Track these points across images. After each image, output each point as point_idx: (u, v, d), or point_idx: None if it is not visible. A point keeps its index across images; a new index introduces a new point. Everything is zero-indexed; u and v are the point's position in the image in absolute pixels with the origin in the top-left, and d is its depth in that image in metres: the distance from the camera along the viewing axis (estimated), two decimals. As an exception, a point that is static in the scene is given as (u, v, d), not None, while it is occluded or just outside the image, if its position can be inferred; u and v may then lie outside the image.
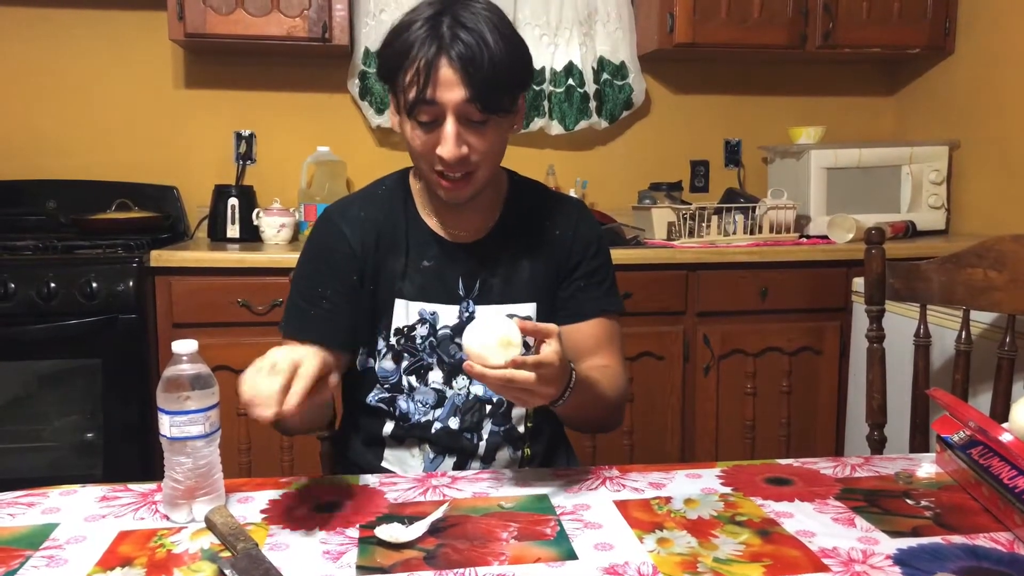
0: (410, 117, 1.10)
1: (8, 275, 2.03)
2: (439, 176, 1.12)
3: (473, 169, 1.12)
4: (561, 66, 2.81)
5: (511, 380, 0.93)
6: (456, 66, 1.05)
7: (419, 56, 1.06)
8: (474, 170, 1.12)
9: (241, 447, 2.21)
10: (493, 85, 1.06)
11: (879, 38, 2.70)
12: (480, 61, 1.05)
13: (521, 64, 1.12)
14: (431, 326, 1.21)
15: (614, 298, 1.29)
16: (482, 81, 1.05)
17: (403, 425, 1.23)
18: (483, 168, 1.13)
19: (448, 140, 1.07)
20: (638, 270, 2.31)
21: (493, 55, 1.05)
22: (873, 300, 1.58)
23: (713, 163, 3.02)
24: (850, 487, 1.01)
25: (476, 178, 1.13)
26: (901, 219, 2.63)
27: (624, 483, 1.02)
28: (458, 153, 1.08)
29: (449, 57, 1.05)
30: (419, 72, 1.06)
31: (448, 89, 1.05)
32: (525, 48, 1.13)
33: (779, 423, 2.45)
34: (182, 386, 0.92)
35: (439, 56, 1.05)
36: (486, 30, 1.06)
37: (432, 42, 1.05)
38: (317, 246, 1.24)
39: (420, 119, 1.09)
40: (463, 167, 1.11)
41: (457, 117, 1.07)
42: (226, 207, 2.52)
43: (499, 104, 1.09)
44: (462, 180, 1.12)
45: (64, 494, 0.99)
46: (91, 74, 2.66)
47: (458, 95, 1.05)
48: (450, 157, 1.08)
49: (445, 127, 1.07)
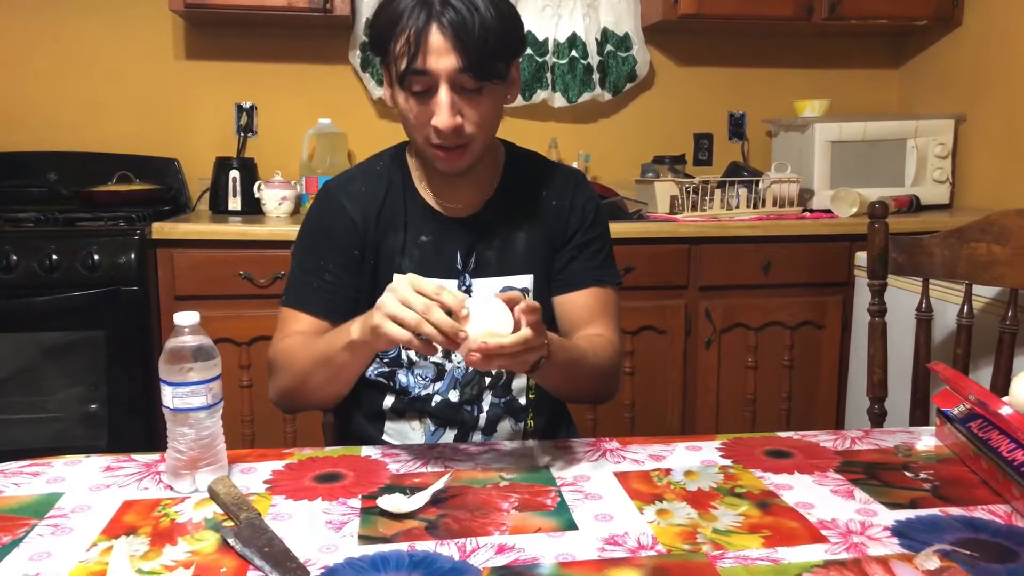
0: (403, 88, 1.09)
1: (10, 247, 2.03)
2: (435, 148, 1.12)
3: (468, 140, 1.11)
4: (564, 37, 2.79)
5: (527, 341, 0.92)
6: (447, 33, 1.03)
7: (409, 25, 1.04)
8: (469, 141, 1.11)
9: (244, 419, 2.23)
10: (485, 51, 1.05)
11: (886, 9, 2.67)
12: (471, 27, 1.03)
13: (513, 30, 1.10)
14: None
15: (610, 269, 1.28)
16: (474, 48, 1.04)
17: (403, 399, 1.23)
18: (479, 138, 1.12)
19: (443, 109, 1.06)
20: (640, 244, 2.30)
21: (484, 21, 1.04)
22: (875, 274, 1.58)
23: (717, 136, 3.01)
24: (849, 460, 1.01)
25: (472, 148, 1.12)
26: (905, 193, 2.62)
27: (624, 455, 1.03)
28: (453, 123, 1.07)
29: (440, 24, 1.03)
30: (409, 41, 1.04)
31: (440, 57, 1.04)
32: (516, 14, 1.11)
33: (780, 397, 2.46)
34: (184, 358, 0.92)
35: (429, 23, 1.03)
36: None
37: (422, 9, 1.04)
38: (318, 220, 1.23)
39: (413, 89, 1.08)
40: (458, 137, 1.09)
41: (451, 86, 1.06)
42: (227, 179, 2.52)
43: (493, 71, 1.08)
44: (458, 150, 1.11)
45: (69, 464, 1.00)
46: (91, 45, 2.64)
47: (450, 63, 1.04)
48: (445, 127, 1.07)
49: (439, 96, 1.06)
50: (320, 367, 1.09)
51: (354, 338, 1.00)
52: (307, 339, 1.14)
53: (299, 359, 1.12)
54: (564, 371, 1.06)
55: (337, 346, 1.04)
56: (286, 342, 1.16)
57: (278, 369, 1.17)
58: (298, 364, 1.12)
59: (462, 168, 1.15)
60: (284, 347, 1.16)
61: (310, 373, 1.11)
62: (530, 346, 0.93)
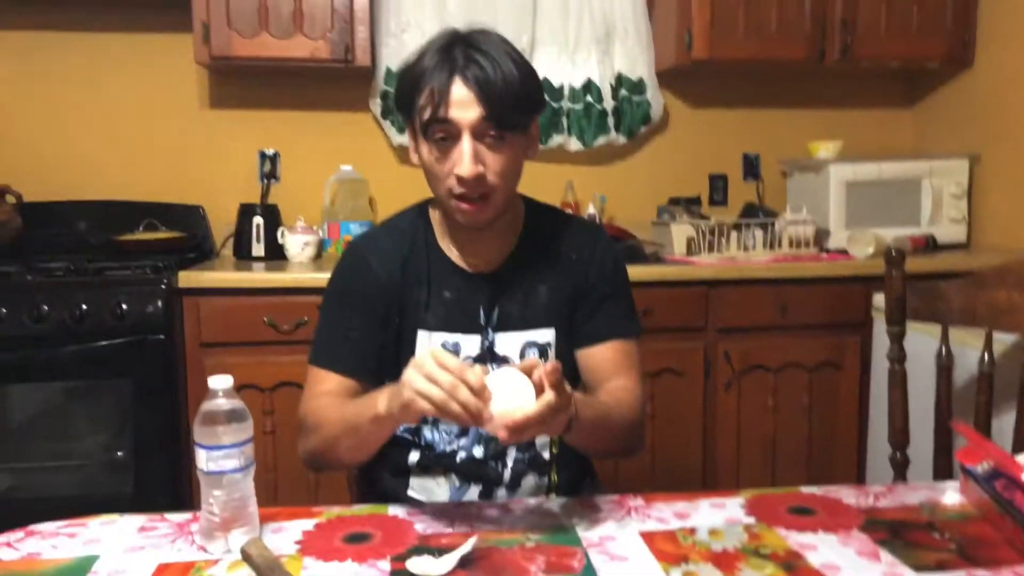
0: (426, 138, 1.13)
1: (41, 297, 2.07)
2: (458, 200, 1.14)
3: (490, 190, 1.13)
4: (579, 83, 2.83)
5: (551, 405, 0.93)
6: (470, 85, 1.08)
7: (433, 79, 1.09)
8: (491, 191, 1.14)
9: (268, 465, 2.25)
10: (507, 102, 1.09)
11: (898, 51, 2.70)
12: (494, 79, 1.08)
13: (533, 84, 1.15)
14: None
15: (632, 321, 1.30)
16: (496, 99, 1.08)
17: (428, 455, 1.25)
18: (500, 189, 1.14)
19: (465, 158, 1.10)
20: (658, 286, 2.32)
21: (506, 74, 1.09)
22: (894, 321, 1.59)
23: (732, 177, 3.03)
24: (874, 518, 1.02)
25: (494, 200, 1.15)
26: (921, 233, 2.63)
27: (649, 513, 1.04)
28: (475, 170, 1.10)
29: (464, 77, 1.08)
30: (433, 93, 1.09)
31: (463, 108, 1.09)
32: (535, 73, 1.17)
33: (800, 439, 2.45)
34: (218, 420, 0.94)
35: (452, 77, 1.09)
36: (497, 53, 1.11)
37: (445, 65, 1.09)
38: (345, 277, 1.26)
39: (436, 137, 1.11)
40: (481, 186, 1.12)
41: (473, 135, 1.10)
42: (251, 225, 2.56)
43: (514, 121, 1.12)
44: (480, 202, 1.14)
45: (104, 524, 1.02)
46: (119, 96, 2.71)
47: (473, 114, 1.09)
48: (468, 175, 1.10)
49: (462, 145, 1.10)
50: (347, 435, 1.11)
51: (380, 412, 1.02)
52: (335, 402, 1.16)
53: (327, 425, 1.14)
54: (590, 428, 1.07)
55: (365, 417, 1.06)
56: (316, 403, 1.18)
57: (307, 431, 1.19)
58: (326, 429, 1.14)
59: (484, 222, 1.17)
60: (314, 408, 1.18)
61: (338, 439, 1.13)
62: (556, 408, 0.94)
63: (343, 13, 2.45)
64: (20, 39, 2.65)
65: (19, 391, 2.18)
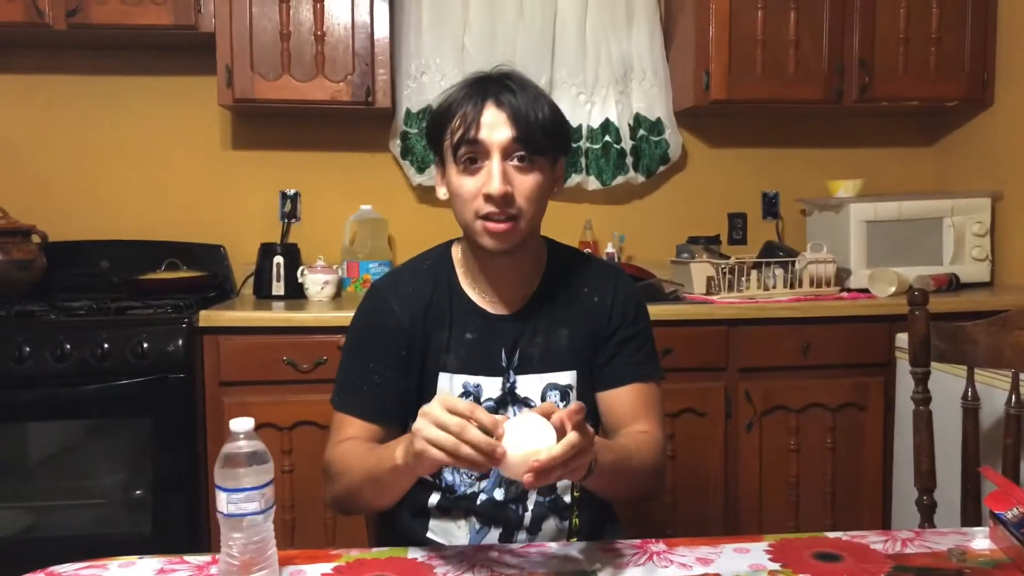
0: (456, 161, 1.15)
1: (64, 336, 2.09)
2: (484, 220, 1.15)
3: (517, 213, 1.15)
4: (598, 123, 2.86)
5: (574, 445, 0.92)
6: (503, 108, 1.13)
7: (465, 105, 1.14)
8: (518, 214, 1.15)
9: (285, 504, 2.24)
10: (537, 127, 1.13)
11: (916, 91, 2.70)
12: (525, 106, 1.13)
13: (562, 123, 1.20)
14: (475, 399, 1.22)
15: (653, 364, 1.29)
16: (526, 122, 1.12)
17: (449, 497, 1.24)
18: (526, 214, 1.16)
19: (494, 176, 1.12)
20: (678, 326, 2.31)
21: (537, 104, 1.14)
22: (918, 362, 1.57)
23: (751, 215, 3.03)
24: (902, 564, 0.99)
25: (519, 225, 1.16)
26: (944, 272, 2.60)
27: (671, 558, 1.02)
28: (504, 188, 1.12)
29: (497, 102, 1.13)
30: (465, 116, 1.13)
31: (493, 130, 1.12)
32: (564, 117, 1.21)
33: (824, 480, 2.42)
34: (239, 463, 0.94)
35: (485, 101, 1.13)
36: (529, 88, 1.16)
37: (478, 94, 1.14)
38: (366, 321, 1.27)
39: (465, 159, 1.14)
40: (508, 206, 1.13)
41: (503, 156, 1.13)
42: (271, 265, 2.58)
43: (543, 146, 1.15)
44: (507, 224, 1.14)
45: (123, 566, 1.02)
46: (143, 137, 2.76)
47: (504, 135, 1.12)
48: (497, 193, 1.12)
49: (491, 165, 1.13)
50: (369, 485, 1.11)
51: (398, 463, 1.01)
52: (358, 449, 1.16)
53: (350, 473, 1.14)
54: (610, 472, 1.06)
55: (384, 467, 1.05)
56: (340, 449, 1.19)
57: (332, 477, 1.19)
58: (349, 477, 1.14)
59: (510, 245, 1.17)
60: (338, 455, 1.18)
61: (360, 488, 1.13)
62: (579, 448, 0.93)
63: (364, 56, 2.49)
64: (45, 82, 2.72)
65: (40, 429, 2.19)
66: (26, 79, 2.71)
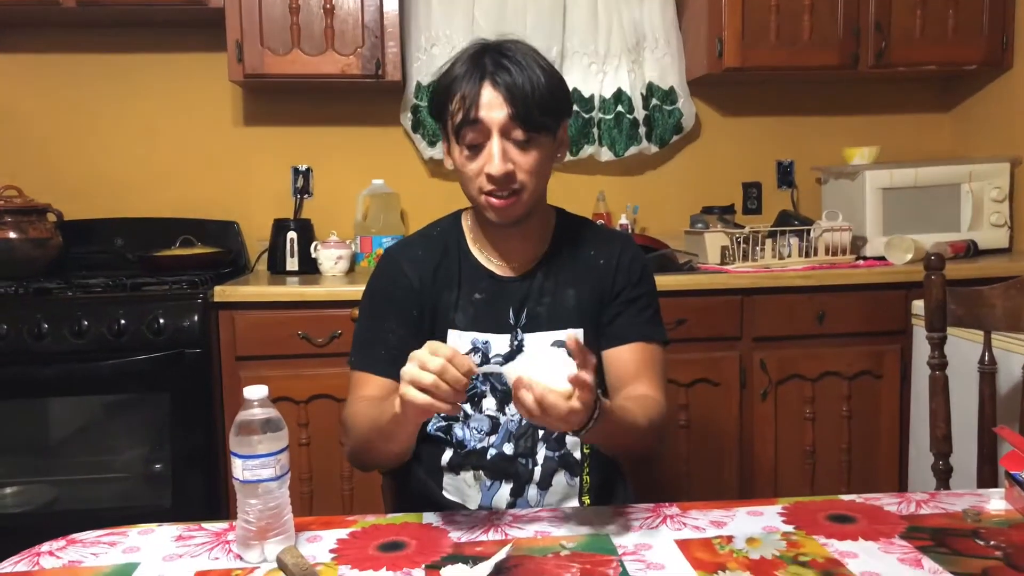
0: (458, 141, 1.19)
1: (81, 313, 2.11)
2: (488, 196, 1.19)
3: (519, 187, 1.19)
4: (610, 93, 2.83)
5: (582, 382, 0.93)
6: (499, 88, 1.15)
7: (463, 85, 1.16)
8: (520, 188, 1.19)
9: (303, 477, 2.26)
10: (534, 105, 1.15)
11: (934, 56, 2.66)
12: (521, 83, 1.15)
13: (560, 89, 1.22)
14: (484, 354, 1.26)
15: (657, 327, 1.31)
16: (523, 101, 1.15)
17: (460, 452, 1.26)
18: (528, 187, 1.19)
19: (494, 156, 1.16)
20: (692, 296, 2.30)
21: (533, 79, 1.16)
22: (934, 327, 1.56)
23: (766, 185, 3.00)
24: (916, 525, 0.99)
25: (523, 197, 1.20)
26: (962, 238, 2.58)
27: (685, 521, 1.03)
28: (504, 168, 1.16)
29: (493, 82, 1.15)
30: (464, 97, 1.16)
31: (492, 110, 1.15)
32: (561, 78, 1.23)
33: (839, 449, 2.41)
34: (254, 430, 0.95)
35: (483, 82, 1.15)
36: (525, 60, 1.18)
37: (475, 72, 1.17)
38: (380, 283, 1.31)
39: (467, 141, 1.17)
40: (510, 183, 1.17)
41: (502, 135, 1.16)
42: (285, 240, 2.59)
43: (541, 122, 1.17)
44: (510, 198, 1.19)
45: (143, 533, 1.04)
46: (155, 115, 2.77)
47: (501, 114, 1.15)
48: (497, 172, 1.16)
49: (491, 145, 1.16)
50: (376, 435, 1.15)
51: (396, 411, 1.03)
52: (370, 404, 1.19)
53: (360, 425, 1.19)
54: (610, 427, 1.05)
55: (387, 416, 1.08)
56: (355, 407, 1.23)
57: (347, 432, 1.23)
58: (360, 430, 1.19)
59: (514, 218, 1.22)
60: (353, 411, 1.22)
61: (370, 439, 1.17)
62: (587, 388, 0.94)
63: (373, 29, 2.48)
64: (57, 61, 2.72)
65: (60, 405, 2.22)
66: (38, 58, 2.72)
